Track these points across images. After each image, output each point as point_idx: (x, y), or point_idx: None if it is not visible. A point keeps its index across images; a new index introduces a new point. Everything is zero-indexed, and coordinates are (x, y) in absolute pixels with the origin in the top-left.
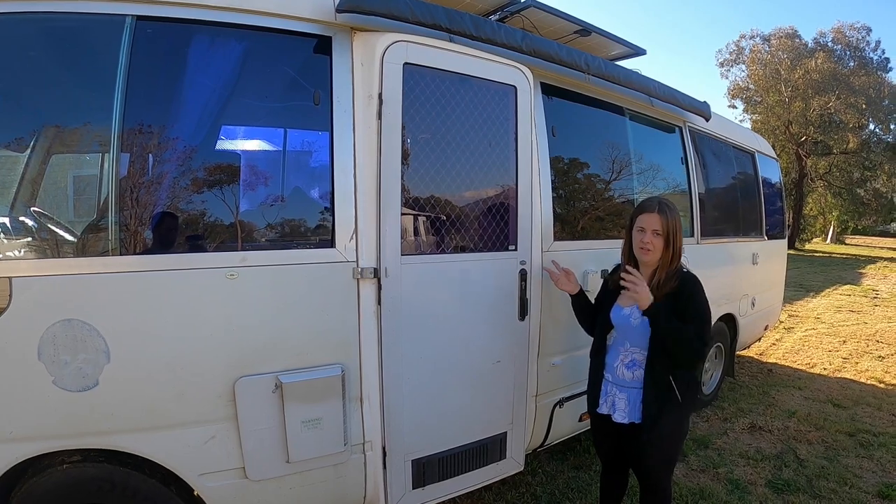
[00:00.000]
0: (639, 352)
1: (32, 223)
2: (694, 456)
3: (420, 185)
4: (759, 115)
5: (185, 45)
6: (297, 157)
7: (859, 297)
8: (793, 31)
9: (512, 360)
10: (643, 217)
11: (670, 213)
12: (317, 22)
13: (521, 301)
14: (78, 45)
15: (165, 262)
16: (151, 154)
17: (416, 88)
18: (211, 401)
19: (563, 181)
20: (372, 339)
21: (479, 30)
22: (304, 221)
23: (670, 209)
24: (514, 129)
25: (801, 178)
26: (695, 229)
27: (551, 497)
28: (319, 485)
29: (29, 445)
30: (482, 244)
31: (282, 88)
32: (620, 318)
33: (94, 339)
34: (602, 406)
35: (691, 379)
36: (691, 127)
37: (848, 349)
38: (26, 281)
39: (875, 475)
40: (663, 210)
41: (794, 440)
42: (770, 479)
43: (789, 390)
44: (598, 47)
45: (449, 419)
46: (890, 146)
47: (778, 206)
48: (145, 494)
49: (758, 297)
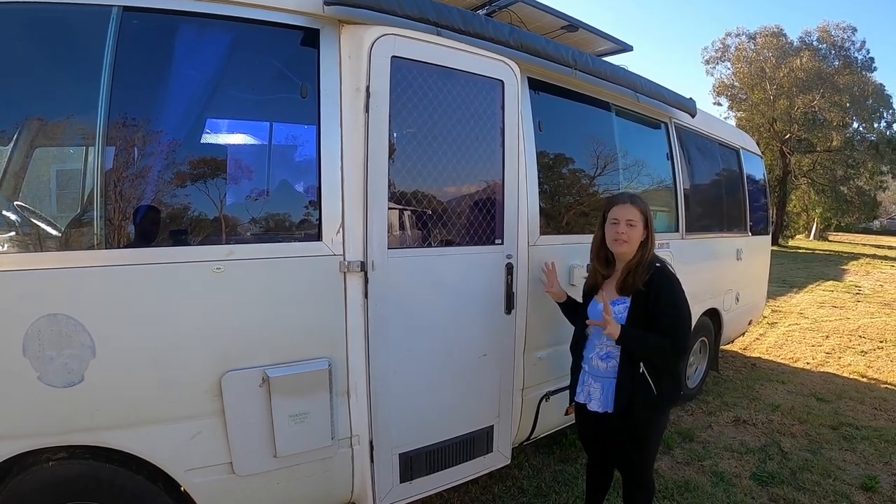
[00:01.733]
0: (613, 344)
1: (16, 217)
2: (679, 449)
3: (407, 178)
4: (744, 113)
5: (172, 36)
6: (283, 150)
7: (842, 293)
8: (778, 29)
9: (498, 354)
10: (616, 209)
11: (643, 202)
12: (305, 14)
13: (507, 295)
14: (63, 35)
15: (151, 255)
16: (137, 147)
17: (404, 82)
18: (197, 396)
19: (549, 176)
20: (359, 333)
21: (467, 24)
22: (290, 215)
23: (643, 199)
24: (501, 124)
25: (785, 175)
26: (680, 225)
27: (538, 490)
28: (307, 479)
29: (14, 443)
30: (469, 238)
31: (269, 81)
32: (596, 314)
33: (79, 334)
34: (580, 395)
35: (668, 372)
36: (677, 123)
37: (831, 344)
38: (10, 275)
39: (858, 467)
40: (636, 201)
41: (778, 433)
42: (754, 472)
43: (773, 384)
44: (586, 43)
45: (436, 413)
46: (873, 145)
47: (762, 203)
48: (132, 491)
49: (742, 292)
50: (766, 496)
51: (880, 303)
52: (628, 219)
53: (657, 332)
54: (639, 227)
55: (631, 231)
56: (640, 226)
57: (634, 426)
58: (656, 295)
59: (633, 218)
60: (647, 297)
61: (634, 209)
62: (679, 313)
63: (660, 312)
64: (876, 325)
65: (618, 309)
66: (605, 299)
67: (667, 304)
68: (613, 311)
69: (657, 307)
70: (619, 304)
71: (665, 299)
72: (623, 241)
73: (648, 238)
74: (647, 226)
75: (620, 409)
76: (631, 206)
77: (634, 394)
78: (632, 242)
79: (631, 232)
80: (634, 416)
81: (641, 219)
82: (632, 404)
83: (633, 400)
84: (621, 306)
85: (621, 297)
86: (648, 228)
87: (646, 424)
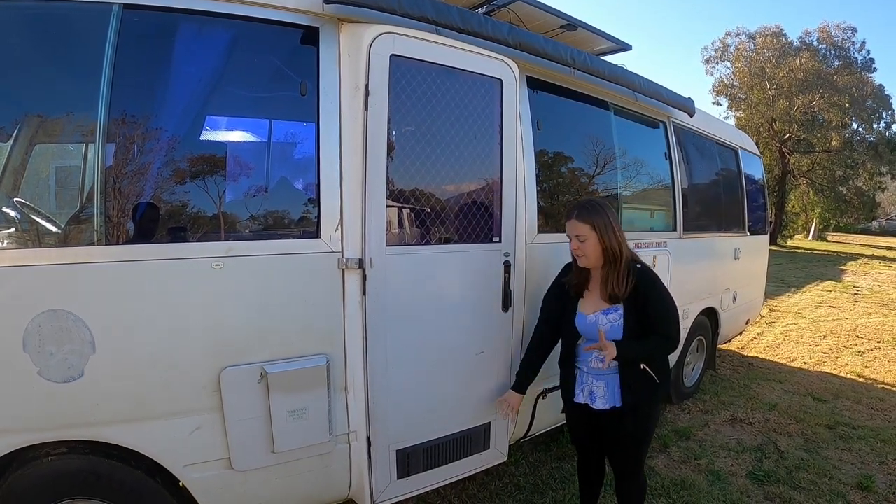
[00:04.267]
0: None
1: (16, 213)
2: (675, 447)
3: (405, 176)
4: (744, 112)
5: (173, 34)
6: (283, 147)
7: (840, 294)
8: (778, 29)
9: (495, 351)
10: (567, 225)
11: (590, 214)
12: (304, 13)
13: (504, 293)
14: (64, 32)
15: (151, 252)
16: (137, 144)
17: (403, 80)
18: (196, 391)
19: (547, 174)
20: (356, 330)
21: (465, 23)
22: (289, 212)
23: (591, 210)
24: (499, 123)
25: (783, 174)
26: (677, 224)
27: (534, 487)
28: (305, 475)
29: (14, 438)
30: (467, 236)
31: (269, 79)
32: (587, 326)
33: (79, 329)
34: (579, 395)
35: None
36: (675, 122)
37: (828, 344)
38: (11, 271)
39: (854, 467)
40: (581, 214)
41: (775, 432)
42: (751, 471)
43: (770, 383)
44: (585, 42)
45: (433, 410)
46: (872, 145)
47: (760, 203)
48: (131, 486)
49: (739, 291)
50: (762, 495)
51: (878, 303)
52: (576, 234)
53: (652, 330)
54: (590, 240)
55: (584, 246)
56: (592, 237)
57: (641, 417)
58: (644, 299)
59: (580, 233)
60: (637, 302)
61: (579, 224)
62: (669, 313)
63: (652, 314)
64: (873, 325)
65: (611, 318)
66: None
67: (657, 307)
68: (607, 319)
69: (647, 310)
70: (611, 312)
71: (655, 302)
72: (580, 255)
73: (607, 247)
74: (601, 235)
75: (629, 402)
76: (576, 221)
77: (640, 386)
78: (589, 256)
79: (584, 247)
80: (642, 407)
81: (590, 230)
82: (639, 396)
83: (639, 392)
84: (614, 314)
85: (613, 306)
86: (604, 237)
87: (649, 413)
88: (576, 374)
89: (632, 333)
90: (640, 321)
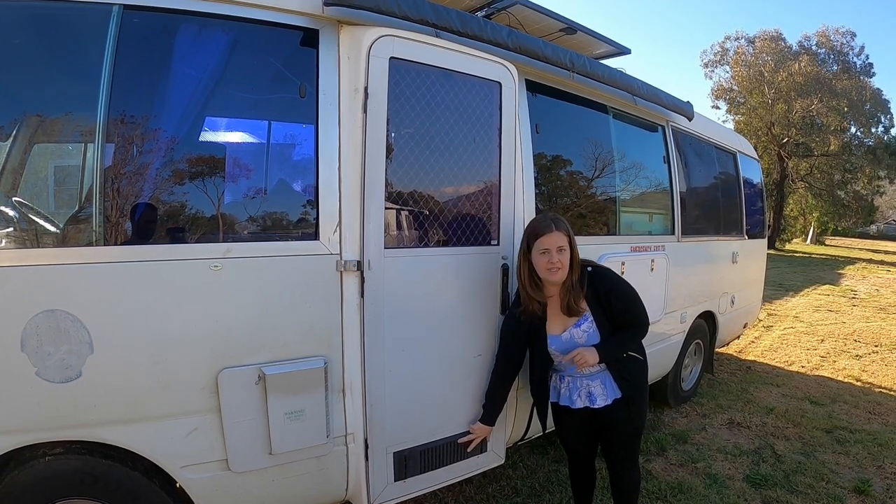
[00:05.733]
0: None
1: (14, 213)
2: (672, 450)
3: (404, 179)
4: (742, 116)
5: (173, 35)
6: (281, 149)
7: (838, 297)
8: (777, 33)
9: (493, 354)
10: (544, 239)
11: (563, 224)
12: (304, 15)
13: (502, 295)
14: (64, 33)
15: (150, 252)
16: (137, 144)
17: (402, 83)
18: (194, 392)
19: (545, 178)
20: (354, 332)
21: (465, 26)
22: (288, 214)
23: (560, 220)
24: (498, 126)
25: (782, 178)
26: (675, 227)
27: (532, 490)
28: (302, 477)
29: (11, 438)
30: (465, 239)
31: (268, 81)
32: (563, 344)
33: (77, 329)
34: (577, 401)
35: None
36: (674, 126)
37: (826, 348)
38: (9, 271)
39: (851, 471)
40: (559, 224)
41: (772, 436)
42: (748, 474)
43: (767, 387)
44: (584, 46)
45: (431, 412)
46: (871, 149)
47: (759, 206)
48: (128, 487)
49: (737, 295)
50: (759, 498)
51: (876, 307)
52: (559, 246)
53: (622, 324)
54: (568, 250)
55: (563, 256)
56: (569, 247)
57: (640, 400)
58: (606, 297)
59: (562, 244)
60: (600, 303)
61: (561, 234)
62: (634, 302)
63: (619, 309)
64: (871, 329)
65: (584, 327)
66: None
67: (620, 300)
68: (581, 330)
69: (612, 305)
70: (583, 322)
71: (617, 297)
72: (557, 268)
73: (575, 254)
74: (572, 244)
75: (628, 389)
76: (557, 231)
77: (632, 370)
78: (565, 268)
79: (563, 257)
80: (640, 388)
81: (567, 240)
82: (634, 380)
83: (634, 376)
84: (586, 323)
85: (583, 316)
86: (573, 246)
87: (643, 394)
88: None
89: (607, 332)
90: (610, 318)
